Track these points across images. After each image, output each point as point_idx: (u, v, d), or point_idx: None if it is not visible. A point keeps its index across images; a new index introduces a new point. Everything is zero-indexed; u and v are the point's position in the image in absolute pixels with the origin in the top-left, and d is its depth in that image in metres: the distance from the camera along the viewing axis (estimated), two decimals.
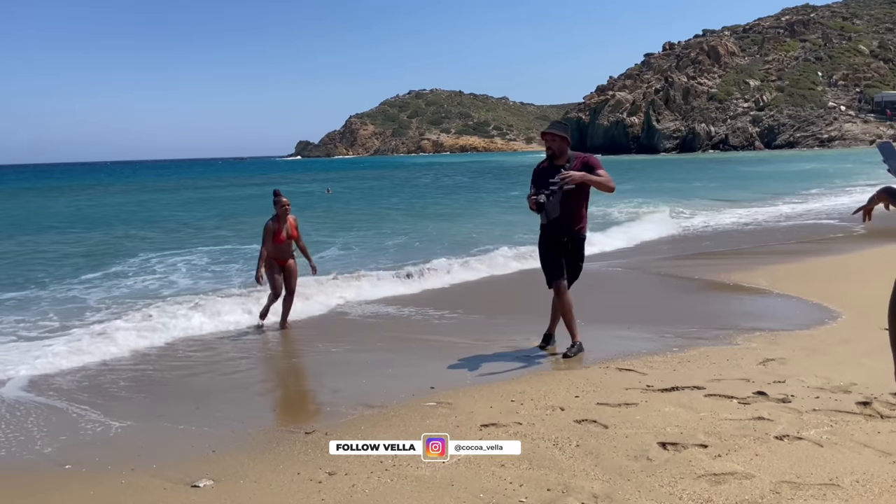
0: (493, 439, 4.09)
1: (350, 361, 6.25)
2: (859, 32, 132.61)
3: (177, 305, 8.61)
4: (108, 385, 5.79)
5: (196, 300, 8.77)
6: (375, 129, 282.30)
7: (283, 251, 7.80)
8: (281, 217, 7.78)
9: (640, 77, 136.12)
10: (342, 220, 21.81)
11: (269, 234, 7.70)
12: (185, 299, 9.21)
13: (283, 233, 7.76)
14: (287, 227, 7.81)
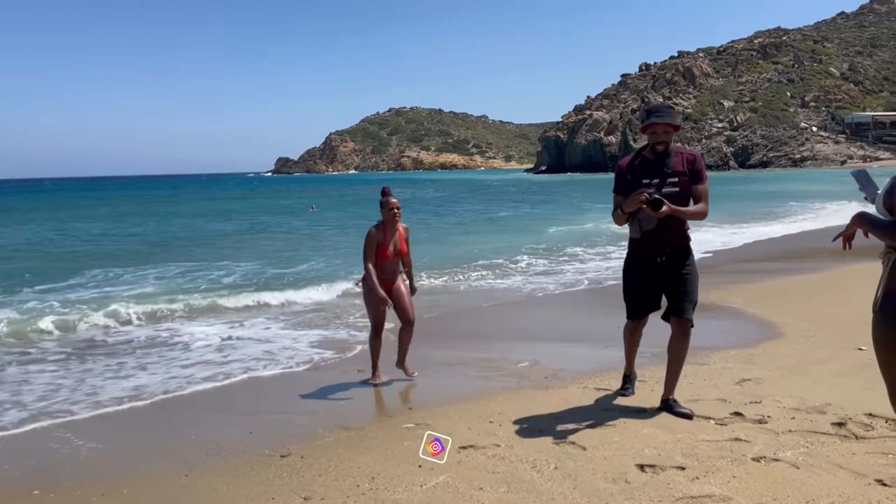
0: (471, 461, 4.07)
1: (326, 382, 6.19)
2: (830, 55, 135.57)
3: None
4: (70, 406, 5.68)
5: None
6: (355, 146, 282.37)
7: (390, 271, 5.93)
8: (389, 224, 5.87)
9: (616, 97, 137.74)
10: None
11: (372, 245, 5.80)
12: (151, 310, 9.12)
13: (391, 246, 5.86)
14: (396, 238, 5.91)
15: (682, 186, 4.55)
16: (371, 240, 5.82)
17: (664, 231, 4.59)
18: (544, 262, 14.16)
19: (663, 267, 4.66)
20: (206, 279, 13.42)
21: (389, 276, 5.95)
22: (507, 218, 30.47)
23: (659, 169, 4.58)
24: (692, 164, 4.63)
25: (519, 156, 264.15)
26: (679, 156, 4.63)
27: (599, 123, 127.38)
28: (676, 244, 4.66)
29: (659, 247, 4.63)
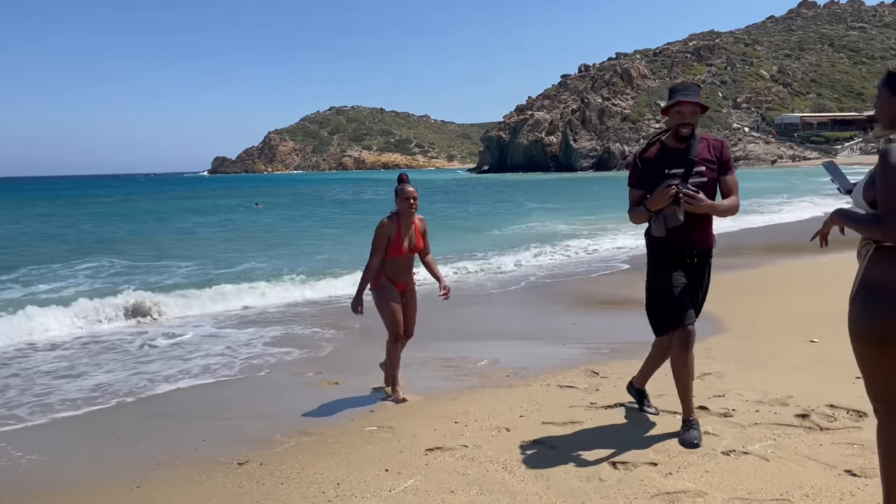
0: (440, 463, 3.95)
1: (282, 384, 5.98)
2: (760, 58, 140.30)
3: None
4: (12, 412, 5.33)
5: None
6: (295, 146, 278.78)
7: (404, 269, 5.28)
8: (404, 216, 5.20)
9: (557, 97, 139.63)
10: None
11: (384, 239, 5.13)
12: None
13: (406, 241, 5.21)
14: (412, 232, 5.26)
15: (710, 176, 4.03)
16: (383, 232, 5.12)
17: (692, 229, 4.01)
18: (492, 263, 14.12)
19: (691, 269, 4.10)
20: (148, 279, 12.94)
21: (403, 275, 5.27)
22: (453, 218, 30.45)
23: (684, 157, 4.04)
24: (720, 152, 4.11)
25: (461, 155, 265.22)
26: (704, 142, 4.11)
27: (541, 123, 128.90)
28: (704, 247, 4.13)
29: (686, 248, 4.08)
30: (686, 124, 4.01)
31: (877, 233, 2.65)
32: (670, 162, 4.05)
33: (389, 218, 5.20)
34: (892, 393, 2.67)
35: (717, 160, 4.09)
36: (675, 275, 4.06)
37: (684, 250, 4.08)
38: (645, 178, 4.10)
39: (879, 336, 2.63)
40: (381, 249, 5.13)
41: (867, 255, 2.71)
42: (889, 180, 2.59)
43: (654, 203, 3.97)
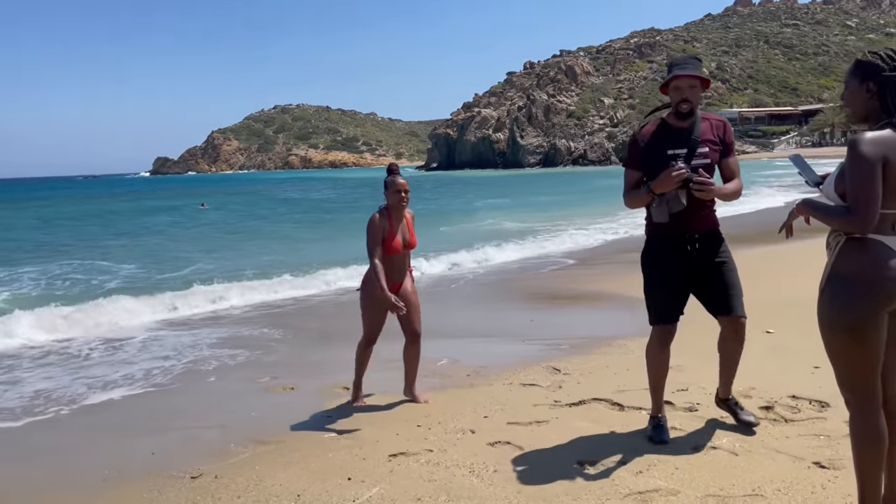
0: (404, 469, 3.81)
1: (233, 391, 5.75)
2: (700, 55, 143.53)
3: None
4: None
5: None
6: (240, 145, 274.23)
7: (399, 267, 4.87)
8: (395, 210, 4.80)
9: (503, 94, 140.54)
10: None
11: (378, 234, 4.71)
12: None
13: (400, 236, 4.80)
14: (404, 226, 4.86)
15: (713, 158, 3.81)
16: (375, 228, 4.70)
17: (695, 213, 3.77)
18: (442, 261, 14.01)
19: (695, 259, 3.86)
20: (91, 283, 12.45)
21: (398, 274, 4.86)
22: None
23: (687, 137, 3.78)
24: (723, 133, 3.87)
25: (409, 153, 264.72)
26: (706, 122, 3.86)
27: (488, 121, 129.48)
28: (707, 229, 3.88)
29: (689, 232, 3.82)
30: (685, 101, 3.76)
31: (846, 224, 2.61)
32: (672, 142, 3.78)
33: (380, 213, 4.78)
34: (862, 382, 2.64)
35: (720, 141, 3.86)
36: (669, 268, 3.87)
37: (685, 236, 3.83)
38: (644, 158, 3.83)
39: (848, 324, 2.60)
40: (377, 243, 4.70)
41: (837, 245, 2.67)
42: (857, 170, 2.56)
43: (659, 185, 3.70)
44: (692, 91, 3.77)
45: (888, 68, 2.63)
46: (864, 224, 2.55)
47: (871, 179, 2.53)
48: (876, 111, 2.67)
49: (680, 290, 3.91)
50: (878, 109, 2.66)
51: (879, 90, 2.64)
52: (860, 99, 2.72)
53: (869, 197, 2.53)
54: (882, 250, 2.58)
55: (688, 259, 3.86)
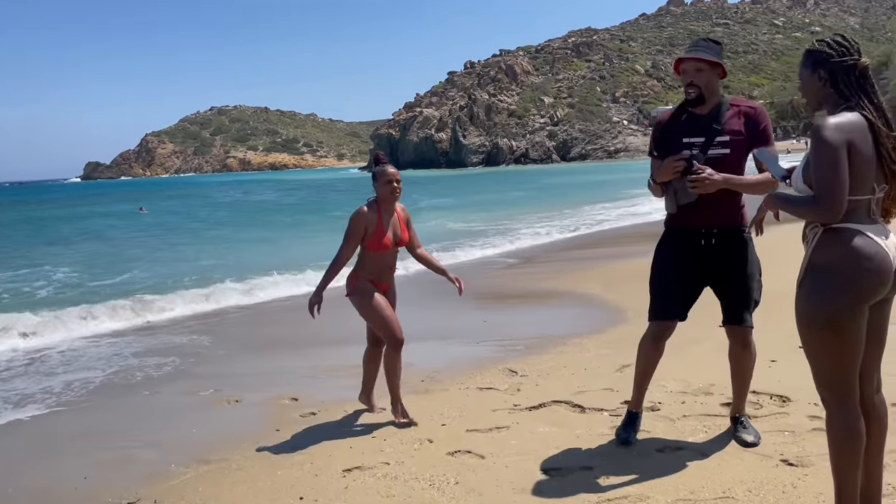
0: (360, 485, 3.58)
1: (172, 406, 5.41)
2: (635, 54, 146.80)
3: None
4: None
5: None
6: (175, 148, 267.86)
7: (387, 267, 4.49)
8: (385, 203, 4.38)
9: (445, 94, 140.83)
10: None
11: (359, 229, 4.30)
12: None
13: (390, 232, 4.38)
14: (395, 221, 4.43)
15: (735, 149, 3.47)
16: (358, 222, 4.27)
17: (710, 206, 3.47)
18: None
19: (709, 255, 3.58)
20: (21, 291, 11.77)
21: (386, 274, 4.45)
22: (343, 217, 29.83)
23: (706, 124, 3.52)
24: (753, 121, 3.51)
25: (351, 154, 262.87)
26: (734, 109, 3.54)
27: (430, 120, 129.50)
28: (727, 225, 3.56)
29: (703, 226, 3.55)
30: (690, 84, 3.50)
31: (814, 214, 2.51)
32: (690, 129, 3.53)
33: (368, 206, 4.33)
34: (841, 380, 2.55)
35: (748, 130, 3.50)
36: (675, 263, 3.63)
37: (701, 230, 3.55)
38: (661, 145, 3.62)
39: (828, 319, 2.49)
40: (355, 240, 4.31)
41: (814, 237, 2.57)
42: (821, 157, 2.46)
43: (659, 174, 3.52)
44: (699, 75, 3.49)
45: (836, 54, 2.57)
46: (832, 212, 2.45)
47: (837, 165, 2.44)
48: (831, 97, 2.61)
49: (683, 287, 3.64)
50: (833, 96, 2.59)
51: (831, 77, 2.58)
52: (813, 88, 2.65)
53: (835, 183, 2.44)
54: (859, 239, 2.48)
55: (701, 255, 3.59)
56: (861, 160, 2.47)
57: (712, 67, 3.51)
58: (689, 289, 3.66)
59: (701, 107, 3.55)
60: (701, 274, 3.63)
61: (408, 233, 4.51)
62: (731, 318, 3.67)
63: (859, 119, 2.49)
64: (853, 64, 2.54)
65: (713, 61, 3.50)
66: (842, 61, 2.54)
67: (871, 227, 2.51)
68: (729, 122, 3.52)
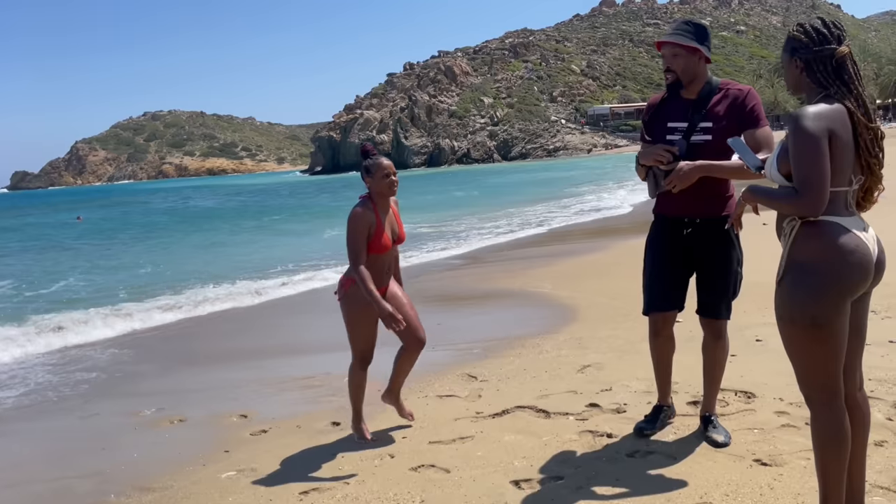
0: None
1: (110, 429, 5.05)
2: (571, 54, 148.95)
3: None
4: None
5: None
6: (108, 155, 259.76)
7: (387, 268, 4.12)
8: (381, 199, 4.02)
9: (385, 96, 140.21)
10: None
11: (364, 232, 3.90)
12: None
13: (388, 230, 4.03)
14: (391, 218, 4.09)
15: (719, 135, 3.29)
16: (361, 224, 3.88)
17: (692, 195, 3.34)
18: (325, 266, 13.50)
19: (691, 244, 3.50)
20: None
21: (384, 276, 4.06)
22: (285, 222, 29.33)
23: (691, 109, 3.42)
24: (740, 103, 3.36)
25: (292, 157, 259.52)
26: (722, 92, 3.41)
27: (371, 122, 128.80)
28: (709, 215, 3.44)
29: (685, 215, 3.47)
30: (667, 70, 3.43)
31: (796, 207, 2.41)
32: (675, 114, 3.45)
33: (363, 205, 3.94)
34: (826, 379, 2.45)
35: (736, 114, 3.35)
36: (661, 253, 3.58)
37: (683, 219, 3.47)
38: (649, 129, 3.56)
39: (812, 317, 2.39)
40: (364, 247, 3.89)
41: (792, 231, 2.47)
42: (803, 148, 2.36)
43: (643, 157, 3.44)
44: (675, 60, 3.39)
45: (813, 43, 2.47)
46: (815, 205, 2.35)
47: (819, 156, 2.34)
48: (808, 86, 2.51)
49: (670, 278, 3.57)
50: (810, 84, 2.50)
51: (807, 66, 2.48)
52: (792, 73, 2.56)
53: (818, 175, 2.34)
54: (840, 233, 2.39)
55: (683, 244, 3.52)
56: (841, 150, 2.38)
57: (690, 52, 3.39)
58: (677, 278, 3.60)
59: (688, 90, 3.45)
60: (686, 262, 3.57)
61: (403, 230, 4.18)
62: (705, 309, 3.63)
63: (839, 107, 2.39)
64: (830, 53, 2.44)
65: (689, 46, 3.38)
66: (818, 50, 2.44)
67: (849, 220, 2.43)
68: (714, 106, 3.41)
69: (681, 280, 3.61)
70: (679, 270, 3.59)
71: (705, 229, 3.48)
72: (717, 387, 3.78)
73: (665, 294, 3.61)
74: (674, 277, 3.60)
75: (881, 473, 3.10)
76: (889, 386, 4.11)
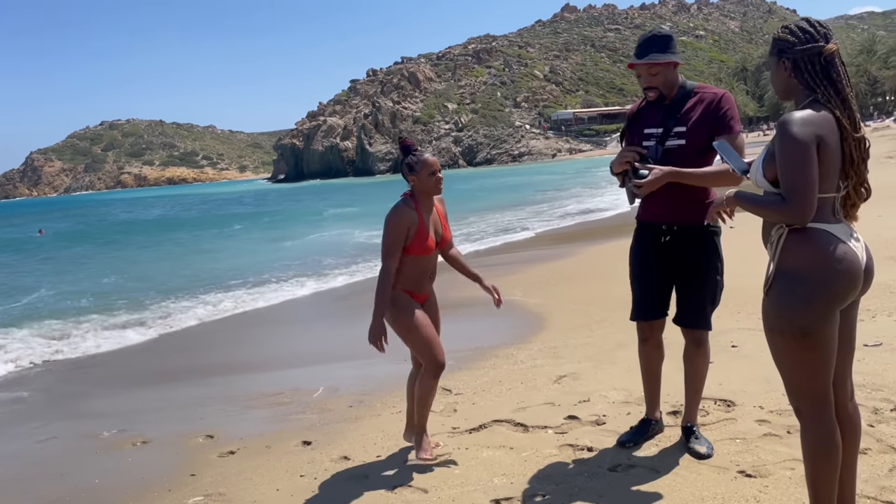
0: None
1: (72, 452, 4.82)
2: (533, 59, 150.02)
3: None
4: None
5: None
6: (64, 166, 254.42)
7: (429, 272, 3.83)
8: (424, 197, 3.72)
9: (348, 102, 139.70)
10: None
11: (402, 232, 3.63)
12: None
13: (432, 231, 3.73)
14: (435, 218, 3.78)
15: (693, 140, 3.30)
16: (401, 223, 3.61)
17: (670, 201, 3.32)
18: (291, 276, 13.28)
19: (670, 252, 3.44)
20: None
21: (426, 282, 3.79)
22: (249, 231, 28.92)
23: (665, 115, 3.39)
24: (714, 108, 3.32)
25: (254, 165, 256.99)
26: (696, 97, 3.38)
27: (334, 129, 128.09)
28: (688, 222, 3.35)
29: (663, 222, 3.42)
30: (649, 88, 3.40)
31: (783, 215, 2.34)
32: (652, 120, 3.43)
33: (405, 202, 3.67)
34: (816, 390, 2.39)
35: (709, 119, 3.32)
36: (641, 261, 3.55)
37: (661, 226, 3.43)
38: (628, 137, 3.53)
39: (801, 328, 2.33)
40: (400, 246, 3.61)
41: (780, 239, 2.40)
42: (790, 154, 2.29)
43: (613, 164, 3.42)
44: (656, 78, 3.37)
45: (800, 41, 2.41)
46: (803, 213, 2.29)
47: (808, 163, 2.28)
48: (797, 88, 2.45)
49: (653, 285, 3.53)
50: (798, 86, 2.44)
51: (795, 66, 2.42)
52: (781, 77, 2.50)
53: (806, 183, 2.27)
54: (829, 241, 2.32)
55: (662, 251, 3.46)
56: (829, 156, 2.32)
57: (666, 66, 3.38)
58: (659, 286, 3.54)
59: (666, 97, 3.44)
60: (667, 270, 3.51)
61: (449, 231, 3.86)
62: (683, 319, 3.57)
63: (827, 114, 2.34)
64: (818, 51, 2.38)
65: (664, 63, 3.37)
66: (805, 49, 2.39)
67: (837, 227, 2.37)
68: (689, 111, 3.38)
69: (663, 288, 3.56)
70: (661, 278, 3.53)
71: (684, 236, 3.42)
72: (698, 397, 3.71)
73: (647, 303, 3.58)
74: (655, 285, 3.55)
75: (867, 483, 3.05)
76: (868, 391, 4.08)
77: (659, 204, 3.39)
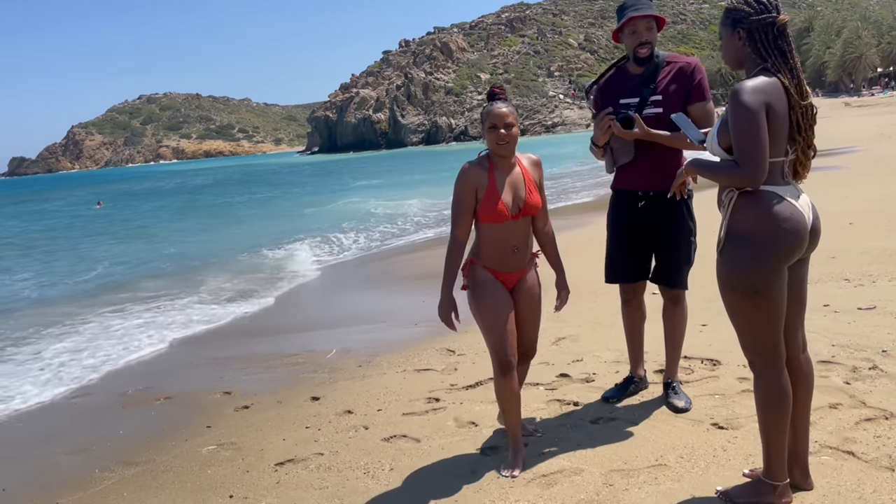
0: (293, 479, 3.48)
1: (102, 406, 5.19)
2: (568, 27, 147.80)
3: None
4: None
5: None
6: (104, 139, 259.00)
7: (511, 246, 3.23)
8: (500, 155, 3.18)
9: (381, 74, 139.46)
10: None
11: (470, 195, 3.15)
12: None
13: (508, 195, 3.16)
14: (517, 181, 3.21)
15: (668, 108, 3.39)
16: (465, 184, 3.14)
17: (645, 166, 3.50)
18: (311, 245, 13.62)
19: (646, 216, 3.59)
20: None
21: (511, 258, 3.22)
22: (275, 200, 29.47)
23: (641, 84, 3.50)
24: (687, 76, 3.46)
25: (289, 138, 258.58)
26: (670, 66, 3.51)
27: (367, 101, 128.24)
28: (662, 186, 3.39)
29: (639, 189, 3.57)
30: (643, 44, 3.47)
31: (736, 179, 2.49)
32: (626, 90, 3.54)
33: (479, 161, 3.19)
34: (768, 343, 2.55)
35: (682, 87, 3.47)
36: (618, 226, 3.73)
37: (637, 192, 3.60)
38: (600, 108, 3.57)
39: (752, 284, 2.49)
40: (466, 211, 3.15)
41: (731, 202, 2.55)
42: (741, 121, 2.43)
43: (596, 136, 3.54)
44: (650, 33, 3.49)
45: (755, 11, 2.52)
46: (754, 176, 2.44)
47: (757, 129, 2.42)
48: (749, 57, 2.57)
49: (630, 249, 3.71)
50: (751, 56, 2.56)
51: (749, 36, 2.54)
52: (733, 47, 2.62)
53: (757, 148, 2.42)
54: (775, 201, 2.47)
55: (639, 216, 3.64)
56: (778, 122, 2.46)
57: (658, 24, 3.55)
58: (636, 250, 3.71)
59: (640, 67, 3.55)
60: (643, 234, 3.67)
61: (540, 196, 3.27)
62: (661, 278, 3.75)
63: (776, 80, 2.47)
64: (772, 21, 2.50)
65: (660, 17, 3.54)
66: (760, 19, 2.50)
67: (785, 189, 2.51)
68: (663, 80, 3.53)
69: (640, 251, 3.72)
70: (638, 242, 3.70)
71: (658, 202, 3.56)
72: (677, 353, 3.89)
73: (625, 265, 3.77)
74: (633, 249, 3.72)
75: (832, 434, 3.21)
76: (851, 351, 4.21)
77: (634, 173, 3.59)
